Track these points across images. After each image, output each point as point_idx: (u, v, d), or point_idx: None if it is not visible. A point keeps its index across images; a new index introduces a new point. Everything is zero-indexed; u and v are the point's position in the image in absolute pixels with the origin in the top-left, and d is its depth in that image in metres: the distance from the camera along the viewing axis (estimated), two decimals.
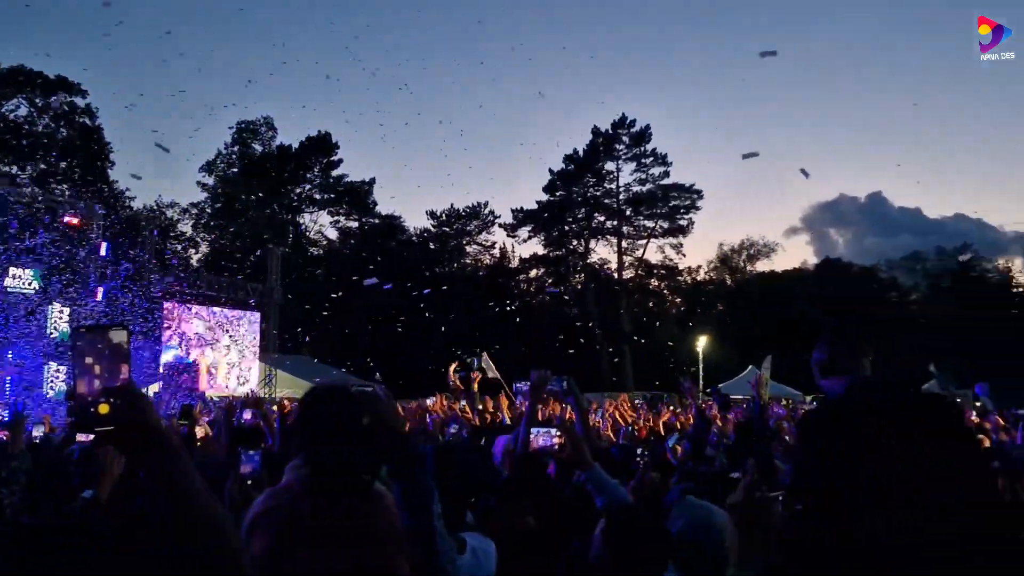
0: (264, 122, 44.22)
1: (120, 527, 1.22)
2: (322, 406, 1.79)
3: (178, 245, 40.74)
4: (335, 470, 1.67)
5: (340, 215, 45.94)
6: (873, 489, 1.98)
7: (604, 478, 2.48)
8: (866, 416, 2.10)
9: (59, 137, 36.36)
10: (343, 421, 1.71)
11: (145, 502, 1.24)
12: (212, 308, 25.23)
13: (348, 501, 1.66)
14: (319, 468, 1.68)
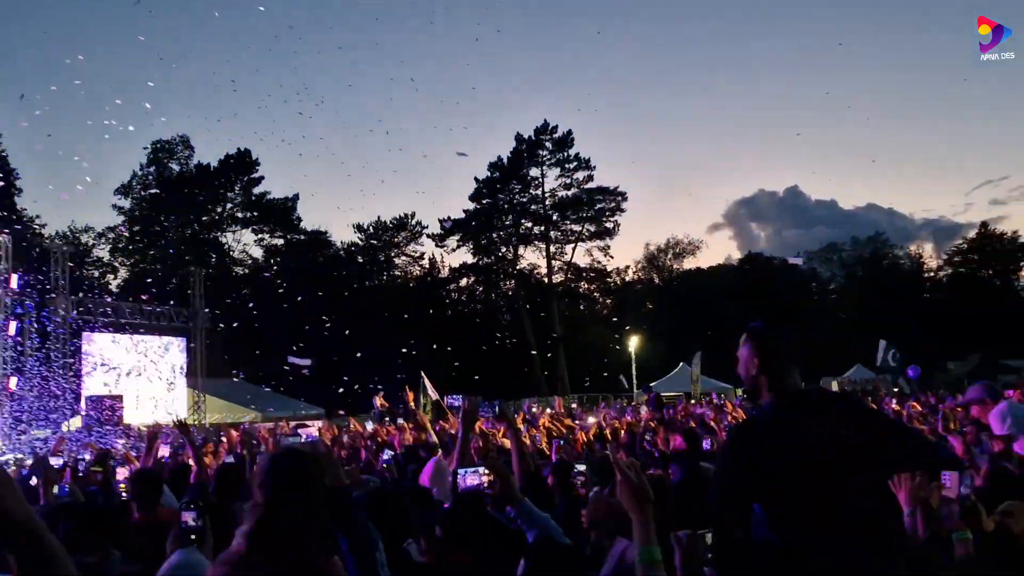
0: (180, 140, 43.12)
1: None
2: (279, 477, 1.77)
3: (95, 271, 39.33)
4: (289, 538, 1.65)
5: (264, 233, 45.09)
6: (802, 487, 2.06)
7: (533, 512, 2.58)
8: (790, 427, 2.17)
9: None
10: (296, 488, 1.70)
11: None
12: (135, 335, 24.45)
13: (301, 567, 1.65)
14: (275, 536, 1.67)
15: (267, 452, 6.92)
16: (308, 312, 35.05)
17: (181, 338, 26.22)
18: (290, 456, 1.81)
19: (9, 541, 1.15)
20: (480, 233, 46.86)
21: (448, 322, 42.35)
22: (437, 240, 47.62)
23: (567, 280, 48.77)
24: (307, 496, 1.70)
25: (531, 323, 43.72)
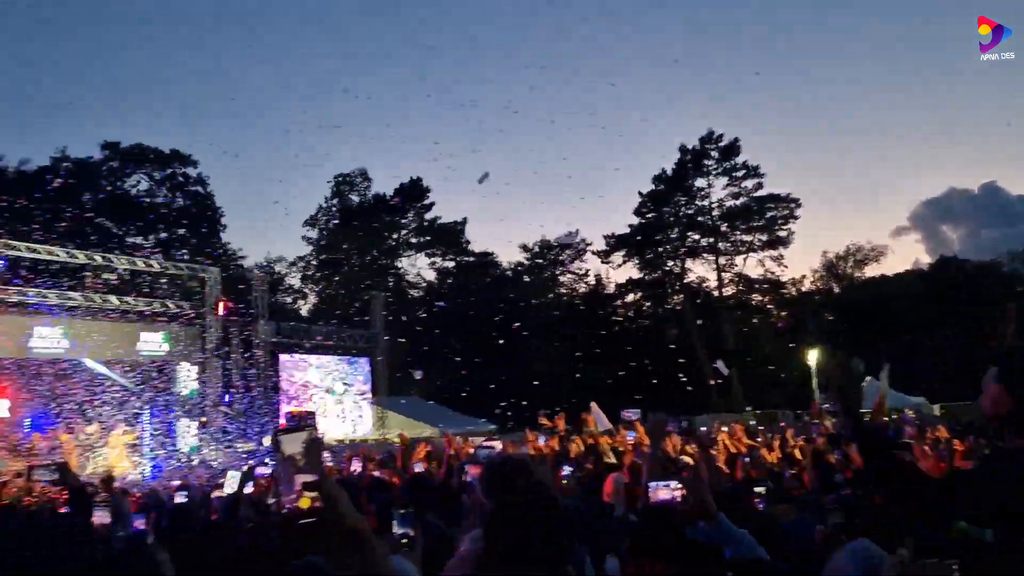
0: (359, 173, 46.06)
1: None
2: (507, 481, 1.83)
3: (288, 298, 42.67)
4: (520, 554, 1.68)
5: (436, 256, 47.05)
6: None
7: (731, 528, 2.57)
8: None
9: (175, 206, 39.01)
10: (528, 501, 1.75)
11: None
12: (324, 356, 26.30)
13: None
14: (503, 548, 1.70)
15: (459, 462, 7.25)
16: (478, 331, 36.11)
17: (364, 358, 27.90)
18: (511, 461, 1.89)
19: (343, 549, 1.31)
20: (646, 248, 46.41)
21: (614, 338, 42.18)
22: (602, 256, 47.67)
23: (738, 292, 47.22)
24: (532, 499, 1.77)
25: (701, 338, 42.67)
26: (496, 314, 37.53)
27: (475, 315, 37.49)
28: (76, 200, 35.21)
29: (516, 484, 1.82)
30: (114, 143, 38.37)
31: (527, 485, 1.81)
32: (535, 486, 1.80)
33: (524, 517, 1.72)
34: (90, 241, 24.58)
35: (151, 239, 37.10)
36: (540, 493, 1.78)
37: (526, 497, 1.77)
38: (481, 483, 1.91)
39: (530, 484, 1.81)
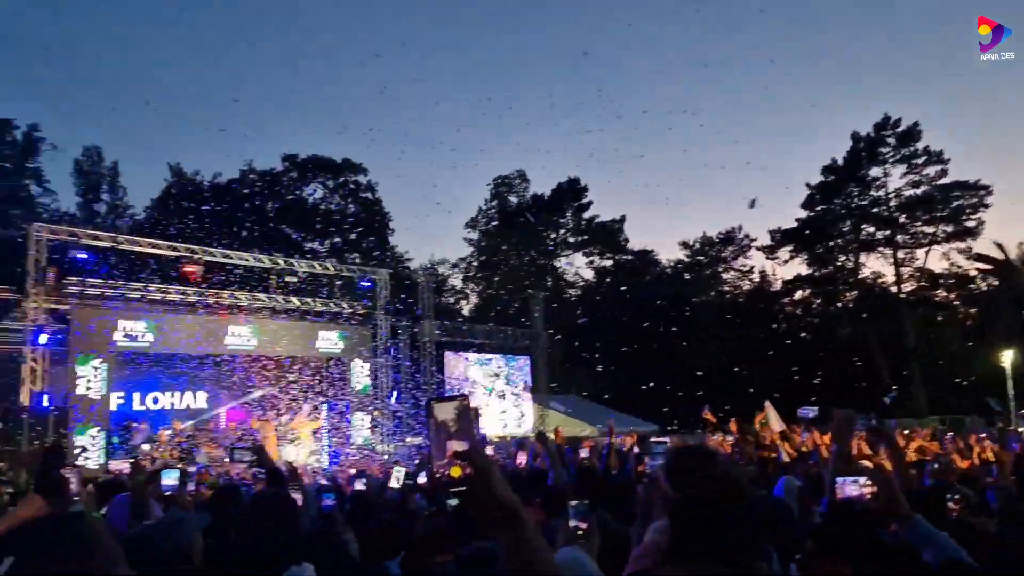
0: (518, 175, 46.92)
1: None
2: (693, 469, 1.78)
3: (451, 298, 44.16)
4: (708, 545, 1.64)
5: (595, 255, 47.06)
6: None
7: (930, 530, 2.40)
8: None
9: (348, 212, 41.47)
10: (715, 491, 1.71)
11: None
12: (485, 354, 27.01)
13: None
14: (690, 542, 1.67)
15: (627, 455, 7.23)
16: (638, 330, 35.78)
17: (525, 357, 28.38)
18: (697, 450, 1.85)
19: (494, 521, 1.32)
20: (815, 242, 44.11)
21: (782, 337, 40.43)
22: (767, 252, 45.84)
23: (919, 288, 43.85)
24: (719, 489, 1.73)
25: (877, 337, 40.02)
26: (656, 313, 37.03)
27: (635, 314, 37.18)
28: (261, 209, 38.19)
29: (702, 473, 1.78)
30: (293, 155, 41.28)
31: (714, 474, 1.77)
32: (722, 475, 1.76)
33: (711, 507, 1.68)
34: (273, 247, 26.54)
35: (326, 244, 39.62)
36: (727, 483, 1.73)
37: (713, 486, 1.73)
38: (665, 472, 1.88)
39: (717, 473, 1.77)
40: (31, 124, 33.71)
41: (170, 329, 18.86)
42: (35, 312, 16.84)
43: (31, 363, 16.82)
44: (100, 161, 37.41)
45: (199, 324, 19.63)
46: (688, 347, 34.73)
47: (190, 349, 19.63)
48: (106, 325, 17.75)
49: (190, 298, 20.02)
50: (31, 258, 17.01)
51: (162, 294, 19.67)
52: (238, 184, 38.92)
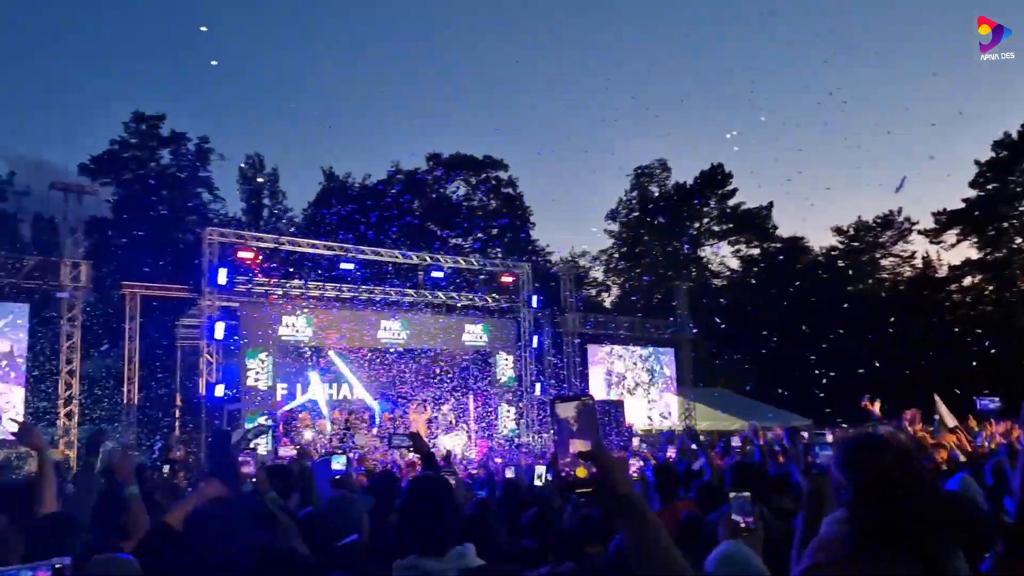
0: (659, 164, 46.14)
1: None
2: (871, 459, 1.72)
3: (592, 290, 44.08)
4: (892, 538, 1.59)
5: (740, 244, 45.57)
6: None
7: None
8: None
9: (490, 208, 42.32)
10: (903, 480, 1.65)
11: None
12: (629, 347, 26.79)
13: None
14: (872, 531, 1.62)
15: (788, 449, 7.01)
16: (788, 320, 34.36)
17: (669, 348, 27.92)
18: (873, 437, 1.77)
19: (620, 518, 1.32)
20: (986, 224, 40.70)
21: (948, 326, 37.59)
22: (931, 236, 42.72)
23: None
24: (900, 478, 1.66)
25: None
26: (808, 302, 35.42)
27: (785, 304, 35.72)
28: (408, 207, 39.64)
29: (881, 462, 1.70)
30: (436, 154, 42.56)
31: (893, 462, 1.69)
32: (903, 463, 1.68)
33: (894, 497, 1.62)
34: (420, 243, 27.49)
35: (469, 240, 40.58)
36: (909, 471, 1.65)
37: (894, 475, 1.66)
38: (837, 463, 1.80)
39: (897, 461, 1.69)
40: (201, 136, 36.56)
41: (327, 324, 19.97)
42: (209, 309, 18.28)
43: (206, 356, 18.27)
44: (261, 168, 40.05)
45: (353, 319, 20.65)
46: (844, 337, 32.93)
47: (345, 343, 20.70)
48: (270, 320, 19.03)
49: (345, 294, 21.10)
50: (204, 259, 18.46)
51: (320, 291, 20.85)
52: (386, 184, 40.56)
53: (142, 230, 32.87)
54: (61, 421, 16.92)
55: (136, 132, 35.53)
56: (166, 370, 22.66)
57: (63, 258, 17.36)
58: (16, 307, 16.88)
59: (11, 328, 16.59)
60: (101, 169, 34.52)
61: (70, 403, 17.23)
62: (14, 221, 31.56)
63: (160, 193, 35.10)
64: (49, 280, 17.24)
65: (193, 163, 36.47)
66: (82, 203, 18.07)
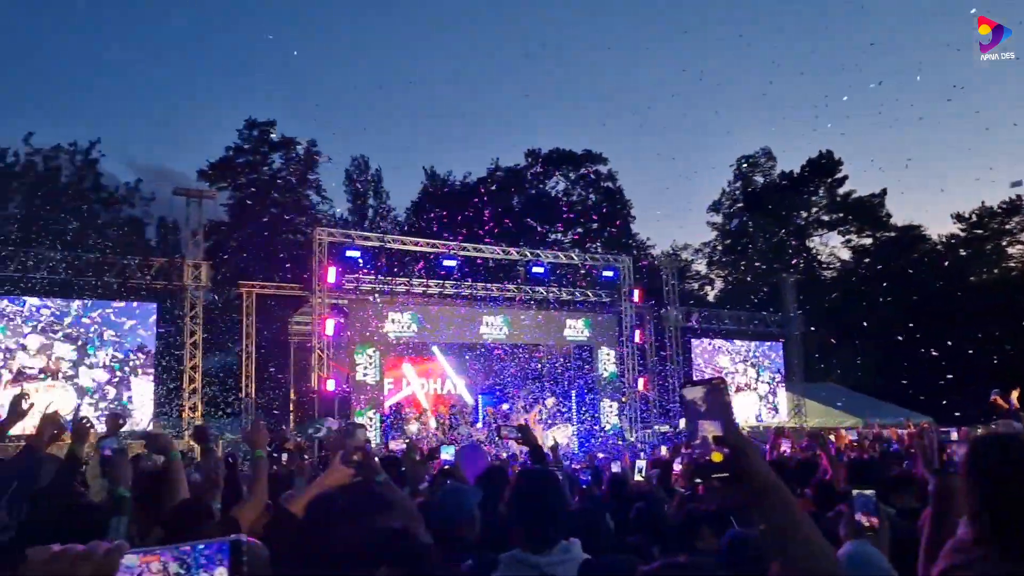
0: (763, 153, 44.78)
1: None
2: (1003, 459, 1.66)
3: (695, 284, 43.25)
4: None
5: (851, 233, 43.68)
6: None
7: None
8: None
9: (590, 203, 42.16)
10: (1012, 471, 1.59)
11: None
12: (734, 341, 26.15)
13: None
14: (1000, 535, 1.58)
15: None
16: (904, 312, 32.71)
17: (777, 343, 27.09)
18: (1001, 439, 1.69)
19: (759, 502, 1.27)
20: None
21: None
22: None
23: None
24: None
25: None
26: (925, 293, 33.64)
27: (900, 295, 34.01)
28: (508, 204, 39.96)
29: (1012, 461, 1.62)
30: (535, 150, 42.71)
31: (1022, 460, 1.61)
32: None
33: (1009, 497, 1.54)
34: (520, 239, 27.65)
35: (569, 235, 40.57)
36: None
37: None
38: (968, 462, 1.72)
39: None
40: (310, 140, 37.95)
41: (431, 320, 20.40)
42: (320, 307, 18.98)
43: (318, 352, 18.98)
44: (366, 169, 41.23)
45: (456, 315, 21.02)
46: (965, 330, 31.08)
47: (448, 338, 21.10)
48: (377, 317, 19.60)
49: (448, 291, 21.49)
50: (314, 259, 19.17)
51: (423, 288, 21.30)
52: (486, 182, 41.00)
53: (256, 232, 34.47)
54: (186, 413, 17.97)
55: (249, 138, 37.22)
56: (280, 365, 23.68)
57: (186, 259, 18.41)
58: (146, 307, 18.03)
59: (142, 326, 17.73)
60: (218, 174, 36.37)
61: (194, 396, 18.26)
62: (141, 226, 33.65)
63: (272, 196, 36.65)
64: (173, 280, 18.31)
65: (302, 166, 37.90)
66: (202, 207, 19.11)
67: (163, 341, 19.10)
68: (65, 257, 17.26)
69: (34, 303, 16.64)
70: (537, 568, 2.48)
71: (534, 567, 2.48)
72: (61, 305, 16.84)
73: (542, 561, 2.49)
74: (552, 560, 2.49)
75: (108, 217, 32.62)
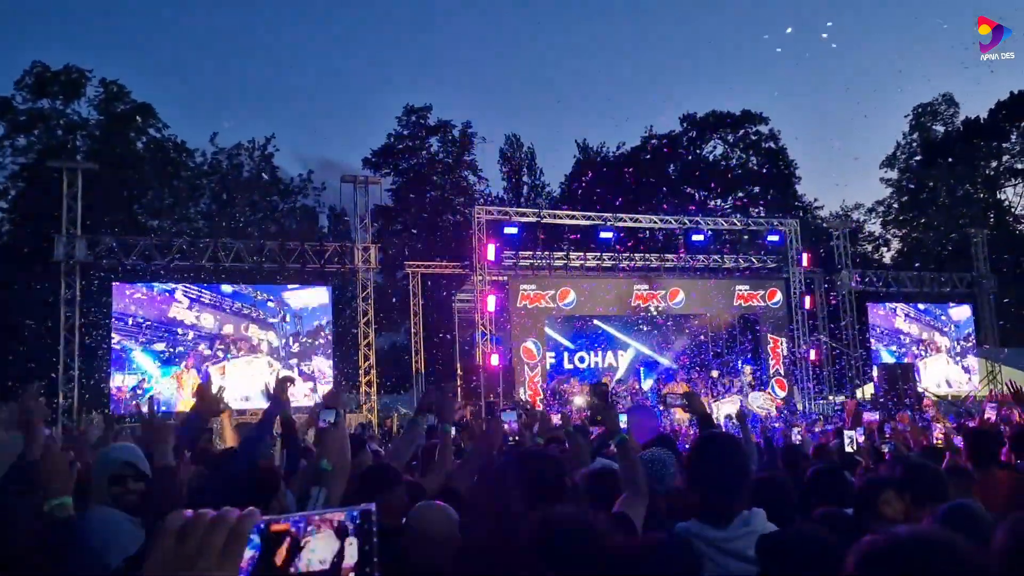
0: (943, 100, 41.03)
1: None
2: None
3: (868, 245, 40.53)
4: None
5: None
6: None
7: None
8: None
9: (751, 166, 40.43)
10: None
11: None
12: (916, 305, 24.33)
13: None
14: None
15: None
16: None
17: (966, 305, 24.92)
18: None
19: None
20: None
21: None
22: None
23: None
24: None
25: None
26: None
27: None
28: (664, 172, 39.07)
29: None
30: (691, 115, 41.36)
31: None
32: None
33: None
34: (679, 207, 26.95)
35: (730, 200, 39.12)
36: None
37: None
38: None
39: None
40: (464, 122, 38.78)
41: (590, 294, 20.39)
42: (481, 284, 19.45)
43: (481, 327, 19.47)
44: (519, 147, 41.61)
45: (615, 287, 20.88)
46: None
47: (607, 311, 21.02)
48: (536, 291, 19.84)
49: (606, 263, 21.36)
50: (474, 236, 19.63)
51: (581, 261, 21.29)
52: (640, 151, 40.25)
53: (418, 214, 35.76)
54: (362, 389, 19.02)
55: (408, 124, 38.57)
56: (446, 342, 24.53)
57: (355, 243, 19.40)
58: (321, 290, 19.22)
59: (320, 308, 18.94)
60: (381, 161, 38.01)
61: (369, 372, 19.28)
62: (314, 214, 35.82)
63: (431, 179, 37.85)
64: (346, 263, 19.37)
65: (458, 148, 38.83)
66: (368, 193, 20.04)
67: (338, 321, 20.28)
68: (250, 247, 18.66)
69: (226, 290, 18.19)
70: (713, 544, 2.30)
71: (710, 542, 2.31)
72: (250, 290, 18.29)
73: (719, 536, 2.31)
74: (730, 535, 2.30)
75: (285, 207, 34.95)
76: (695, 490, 2.55)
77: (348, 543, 0.86)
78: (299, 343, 18.61)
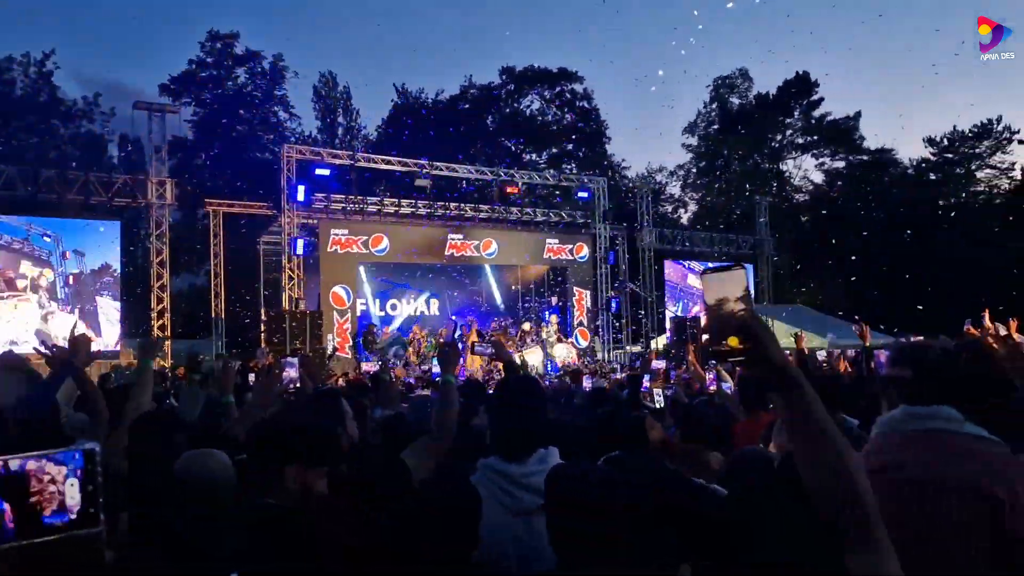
0: (740, 74, 44.17)
1: None
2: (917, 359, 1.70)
3: (668, 207, 43.17)
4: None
5: (824, 156, 43.65)
6: None
7: None
8: None
9: (564, 123, 41.46)
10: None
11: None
12: (706, 263, 26.31)
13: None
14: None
15: None
16: (873, 236, 33.06)
17: (749, 265, 27.32)
18: (916, 343, 1.73)
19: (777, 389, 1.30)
20: None
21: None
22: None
23: None
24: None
25: None
26: (896, 217, 33.96)
27: (871, 218, 34.29)
28: (481, 123, 39.18)
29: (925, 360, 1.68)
30: (510, 68, 41.64)
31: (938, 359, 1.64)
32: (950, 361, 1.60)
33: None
34: (494, 159, 27.22)
35: (544, 155, 40.02)
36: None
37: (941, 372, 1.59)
38: (888, 362, 1.76)
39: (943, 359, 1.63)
40: (276, 54, 36.65)
41: (403, 240, 20.15)
42: (289, 225, 18.63)
43: (288, 272, 18.72)
44: (335, 86, 40.01)
45: (428, 235, 20.77)
46: (934, 253, 31.54)
47: (420, 259, 20.90)
48: (348, 236, 19.30)
49: (420, 211, 21.18)
50: (283, 176, 18.72)
51: (395, 207, 20.97)
52: (459, 100, 40.07)
53: (222, 149, 33.55)
54: (155, 333, 17.73)
55: (212, 51, 35.84)
56: (249, 285, 23.38)
57: (149, 176, 17.87)
58: (108, 224, 17.56)
59: (105, 245, 17.30)
60: (181, 89, 35.10)
61: (162, 316, 18.01)
62: (101, 143, 32.55)
63: (238, 112, 35.55)
64: (137, 198, 17.81)
65: (268, 81, 36.70)
66: (165, 123, 18.45)
67: (128, 261, 18.70)
68: (24, 173, 16.65)
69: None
70: (510, 478, 2.41)
71: (509, 476, 2.41)
72: (22, 222, 16.35)
73: (516, 471, 2.42)
74: (527, 470, 2.42)
75: (68, 133, 31.51)
76: (496, 429, 2.63)
77: (69, 484, 0.85)
78: (80, 282, 16.96)
